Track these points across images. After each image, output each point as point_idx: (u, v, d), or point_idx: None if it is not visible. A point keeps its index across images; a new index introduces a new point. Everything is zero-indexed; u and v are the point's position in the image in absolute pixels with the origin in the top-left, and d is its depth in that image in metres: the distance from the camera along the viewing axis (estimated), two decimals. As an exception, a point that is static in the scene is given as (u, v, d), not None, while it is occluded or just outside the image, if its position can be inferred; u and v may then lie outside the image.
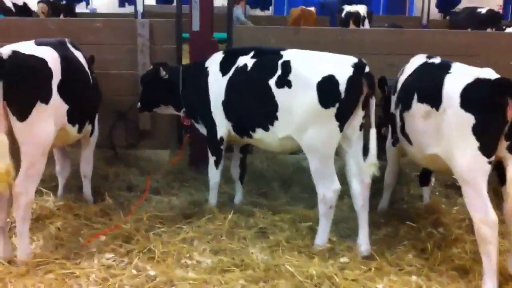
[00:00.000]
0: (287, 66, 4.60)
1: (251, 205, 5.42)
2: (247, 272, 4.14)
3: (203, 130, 5.46)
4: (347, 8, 17.94)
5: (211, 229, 4.88)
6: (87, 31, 6.40)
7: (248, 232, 4.86)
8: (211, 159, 5.29)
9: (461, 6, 20.05)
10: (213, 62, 5.26)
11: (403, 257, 4.42)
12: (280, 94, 4.61)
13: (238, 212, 5.16)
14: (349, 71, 4.36)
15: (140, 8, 13.08)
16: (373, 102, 4.45)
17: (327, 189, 4.51)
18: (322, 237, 4.62)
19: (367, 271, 4.19)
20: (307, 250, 4.54)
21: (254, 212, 5.19)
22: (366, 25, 17.56)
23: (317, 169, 4.54)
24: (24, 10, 15.59)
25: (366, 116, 4.49)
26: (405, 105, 4.48)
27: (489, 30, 14.81)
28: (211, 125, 5.20)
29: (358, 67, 4.39)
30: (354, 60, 4.45)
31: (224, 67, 5.12)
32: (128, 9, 21.39)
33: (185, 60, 6.57)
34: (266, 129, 4.76)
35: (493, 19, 16.92)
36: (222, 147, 5.23)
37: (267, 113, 4.71)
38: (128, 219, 5.03)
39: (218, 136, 5.17)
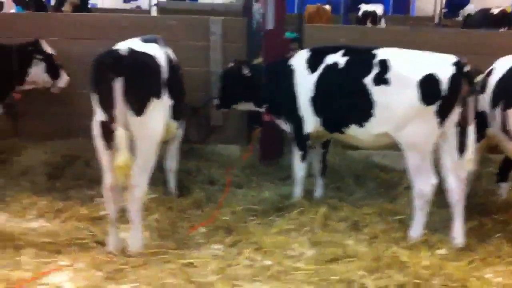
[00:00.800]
0: (385, 65, 4.75)
1: (334, 199, 5.55)
2: (358, 263, 4.27)
3: (284, 126, 5.61)
4: (364, 7, 18.16)
5: (305, 221, 5.02)
6: (161, 29, 6.51)
7: (341, 224, 5.01)
8: (298, 154, 5.44)
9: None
10: (299, 60, 5.40)
11: (501, 248, 4.57)
12: (377, 92, 4.76)
13: (326, 206, 5.28)
14: (451, 70, 4.53)
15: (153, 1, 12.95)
16: (471, 100, 4.61)
17: (424, 183, 4.67)
18: (417, 230, 4.77)
19: (471, 261, 4.35)
20: (403, 242, 4.68)
21: (342, 206, 5.33)
22: (382, 24, 17.77)
23: (415, 164, 4.70)
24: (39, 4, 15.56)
25: (464, 114, 4.65)
26: (508, 104, 4.65)
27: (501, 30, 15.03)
28: (297, 121, 5.35)
29: (458, 66, 4.56)
30: (454, 59, 4.61)
31: (312, 65, 5.27)
32: (130, 5, 21.48)
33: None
34: (361, 125, 4.91)
35: (505, 20, 17.14)
36: (308, 142, 5.38)
37: (362, 110, 4.86)
38: (220, 211, 5.16)
39: (305, 132, 5.32)
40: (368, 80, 4.80)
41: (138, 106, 4.20)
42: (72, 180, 5.96)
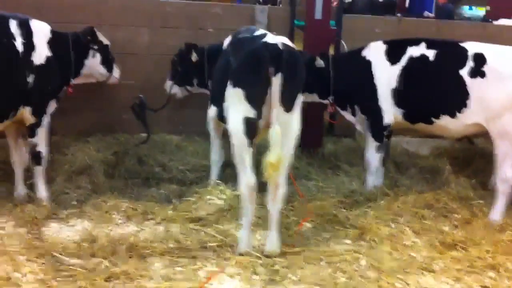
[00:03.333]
0: (480, 58, 5.02)
1: (400, 187, 5.73)
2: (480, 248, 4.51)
3: (349, 117, 5.70)
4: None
5: (396, 210, 5.15)
6: (206, 16, 6.25)
7: (429, 212, 5.21)
8: (373, 144, 5.56)
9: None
10: (375, 52, 5.50)
11: None
12: (472, 84, 5.02)
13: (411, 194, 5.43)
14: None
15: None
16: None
17: (510, 169, 5.02)
18: (499, 212, 5.12)
19: None
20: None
21: (411, 193, 5.44)
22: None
23: (504, 152, 5.02)
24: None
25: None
26: None
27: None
28: (376, 112, 5.46)
29: None
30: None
31: (392, 57, 5.39)
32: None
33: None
34: (453, 115, 5.15)
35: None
36: (385, 132, 5.52)
37: (457, 101, 5.09)
38: (311, 204, 5.14)
39: (384, 123, 5.45)
40: (464, 72, 5.02)
41: (290, 103, 4.06)
42: (130, 179, 5.58)
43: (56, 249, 4.05)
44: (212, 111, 5.21)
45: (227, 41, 5.08)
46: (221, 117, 4.64)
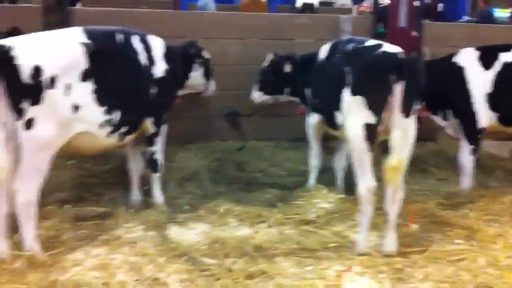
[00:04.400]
0: None
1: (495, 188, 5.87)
2: None
3: (440, 121, 5.88)
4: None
5: (496, 210, 5.29)
6: (293, 27, 6.49)
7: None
8: (468, 148, 5.72)
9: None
10: (467, 58, 5.67)
11: None
12: None
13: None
14: None
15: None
16: None
17: None
18: None
19: None
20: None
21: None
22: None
23: None
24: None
25: None
26: None
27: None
28: (470, 116, 5.61)
29: None
30: None
31: (485, 62, 5.56)
32: None
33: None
34: None
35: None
36: (479, 136, 5.67)
37: None
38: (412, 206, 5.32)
39: (479, 126, 5.60)
40: None
41: (410, 109, 4.25)
42: (233, 184, 5.83)
43: (191, 251, 4.30)
44: (312, 118, 5.44)
45: (323, 51, 5.31)
46: (332, 124, 4.85)
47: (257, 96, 6.15)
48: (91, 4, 9.44)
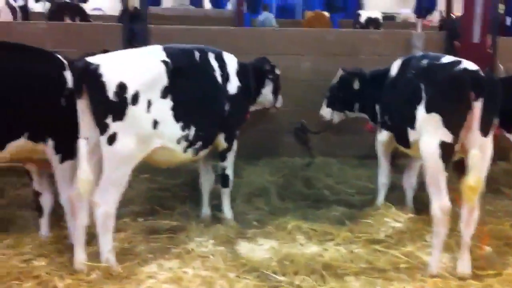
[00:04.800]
0: None
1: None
2: None
3: None
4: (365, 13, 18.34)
5: None
6: (364, 43, 6.46)
7: None
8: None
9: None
10: None
11: None
12: None
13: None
14: None
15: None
16: None
17: None
18: None
19: None
20: None
21: None
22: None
23: None
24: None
25: None
26: None
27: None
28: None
29: None
30: None
31: None
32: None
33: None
34: None
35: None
36: None
37: None
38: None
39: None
40: None
41: (488, 127, 4.14)
42: (300, 200, 5.84)
43: (261, 267, 4.33)
44: (382, 135, 5.38)
45: (395, 67, 5.25)
46: (403, 141, 4.78)
47: (326, 112, 6.14)
48: (159, 21, 9.73)
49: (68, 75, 4.30)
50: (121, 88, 4.06)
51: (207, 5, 27.09)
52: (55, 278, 3.94)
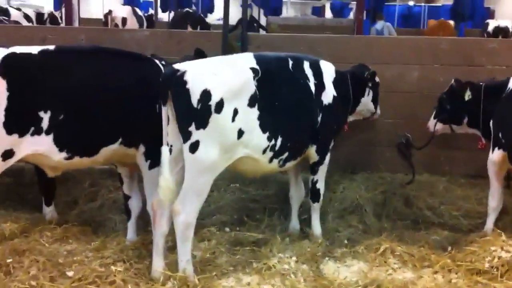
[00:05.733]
0: None
1: None
2: None
3: None
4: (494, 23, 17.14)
5: None
6: (481, 52, 5.89)
7: None
8: None
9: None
10: None
11: None
12: None
13: None
14: None
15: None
16: None
17: None
18: None
19: None
20: None
21: None
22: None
23: None
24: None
25: None
26: None
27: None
28: None
29: None
30: None
31: None
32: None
33: None
34: None
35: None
36: None
37: None
38: None
39: None
40: None
41: None
42: (398, 220, 5.41)
43: (342, 291, 4.03)
44: (495, 154, 4.83)
45: None
46: None
47: (432, 124, 5.66)
48: (277, 30, 9.67)
49: None
50: (205, 95, 3.95)
51: (328, 14, 26.88)
52: (129, 286, 3.91)
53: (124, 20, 14.86)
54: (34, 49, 3.95)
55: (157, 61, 4.49)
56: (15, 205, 5.44)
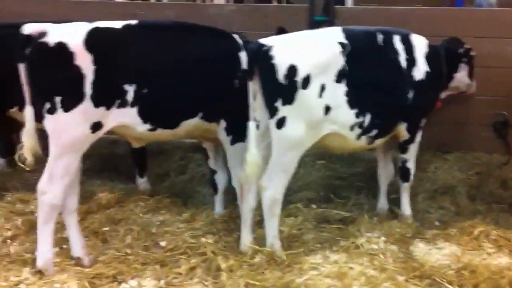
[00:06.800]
0: None
1: None
2: None
3: None
4: None
5: None
6: None
7: None
8: None
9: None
10: None
11: None
12: None
13: None
14: None
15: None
16: None
17: None
18: None
19: None
20: None
21: None
22: None
23: None
24: None
25: None
26: None
27: None
28: None
29: None
30: None
31: None
32: None
33: None
34: None
35: None
36: None
37: None
38: None
39: None
40: None
41: None
42: (493, 203, 5.15)
43: (435, 274, 3.90)
44: None
45: None
46: None
47: None
48: (365, 3, 9.37)
49: (243, 56, 4.27)
50: (292, 70, 3.90)
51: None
52: (219, 258, 3.98)
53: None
54: (118, 24, 4.03)
55: (236, 37, 4.48)
56: (110, 176, 5.69)
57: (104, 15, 5.74)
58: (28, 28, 3.81)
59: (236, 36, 4.46)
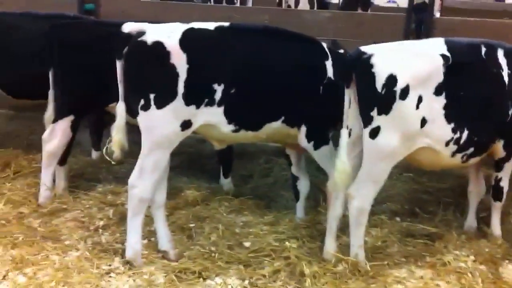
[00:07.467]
0: None
1: None
2: None
3: None
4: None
5: None
6: None
7: None
8: None
9: None
10: None
11: None
12: None
13: None
14: None
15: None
16: None
17: None
18: None
19: None
20: None
21: None
22: None
23: None
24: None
25: None
26: None
27: None
28: None
29: None
30: None
31: None
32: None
33: None
34: None
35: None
36: None
37: None
38: None
39: None
40: None
41: None
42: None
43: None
44: None
45: None
46: None
47: None
48: (452, 14, 9.10)
49: (329, 64, 4.33)
50: (391, 80, 3.85)
51: (508, -1, 24.67)
52: (303, 263, 3.99)
53: (296, 1, 15.04)
54: (211, 25, 4.12)
55: (324, 45, 4.48)
56: (196, 174, 5.82)
57: (203, 17, 5.88)
58: (128, 27, 4.00)
59: (324, 44, 4.48)
